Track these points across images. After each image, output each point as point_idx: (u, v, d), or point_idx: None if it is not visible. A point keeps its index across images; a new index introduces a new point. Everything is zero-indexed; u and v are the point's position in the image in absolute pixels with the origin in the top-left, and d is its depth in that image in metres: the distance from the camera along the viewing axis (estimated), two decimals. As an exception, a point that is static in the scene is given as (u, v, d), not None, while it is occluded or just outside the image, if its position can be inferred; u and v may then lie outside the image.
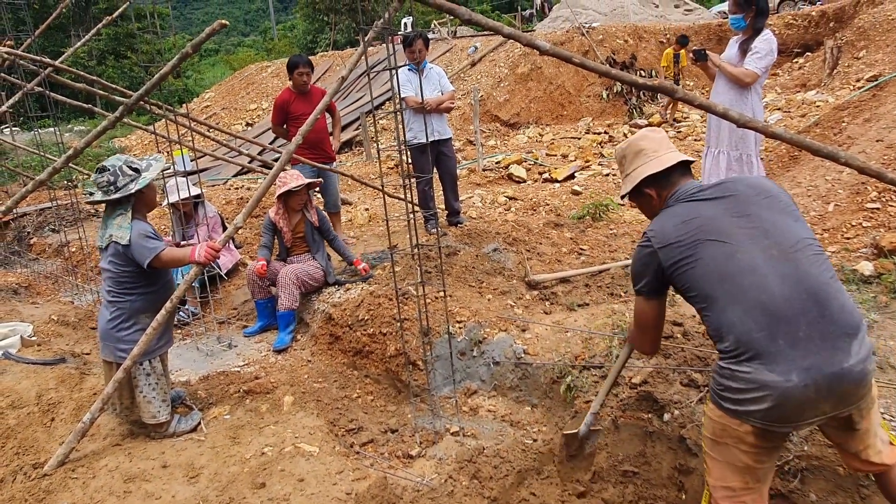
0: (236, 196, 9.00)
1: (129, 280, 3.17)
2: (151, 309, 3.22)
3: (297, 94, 5.74)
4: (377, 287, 4.49)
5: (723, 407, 1.82)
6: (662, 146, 2.14)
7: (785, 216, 1.91)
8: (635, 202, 2.24)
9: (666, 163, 2.09)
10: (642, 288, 2.08)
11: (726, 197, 1.95)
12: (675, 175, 2.10)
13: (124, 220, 3.14)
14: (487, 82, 15.85)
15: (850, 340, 1.72)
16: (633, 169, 2.16)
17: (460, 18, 3.05)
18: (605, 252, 5.10)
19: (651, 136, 2.17)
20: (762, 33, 4.08)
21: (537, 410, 3.42)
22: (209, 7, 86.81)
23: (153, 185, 3.31)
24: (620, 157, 2.24)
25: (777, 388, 1.68)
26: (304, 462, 2.88)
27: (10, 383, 3.64)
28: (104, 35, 30.56)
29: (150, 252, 3.08)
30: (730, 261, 1.82)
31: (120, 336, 3.18)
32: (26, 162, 13.30)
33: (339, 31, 34.48)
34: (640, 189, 2.15)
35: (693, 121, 11.47)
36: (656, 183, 2.11)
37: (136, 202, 3.21)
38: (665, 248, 1.94)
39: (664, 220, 2.00)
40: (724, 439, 1.86)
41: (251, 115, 19.71)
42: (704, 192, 2.01)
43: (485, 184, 9.06)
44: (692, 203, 1.99)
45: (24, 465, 3.00)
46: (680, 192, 2.06)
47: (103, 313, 3.25)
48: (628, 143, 2.21)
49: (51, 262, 7.20)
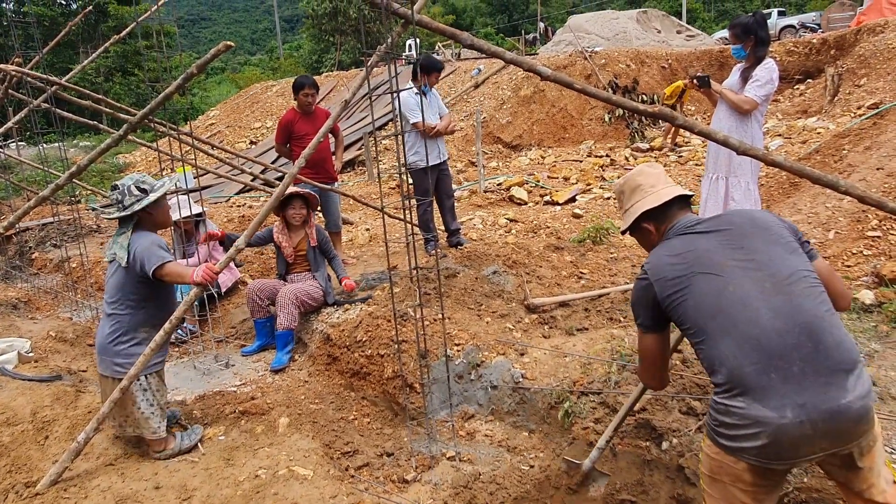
0: (238, 214, 9.04)
1: (130, 293, 3.20)
2: (150, 323, 3.24)
3: (302, 114, 5.78)
4: (376, 308, 4.48)
5: (718, 443, 1.79)
6: (660, 181, 2.16)
7: (779, 248, 1.89)
8: (635, 237, 2.26)
9: (663, 197, 2.11)
10: (642, 322, 2.08)
11: (722, 230, 1.95)
12: (672, 209, 2.12)
13: (125, 240, 3.19)
14: (490, 104, 15.98)
15: (847, 376, 1.69)
16: (632, 204, 2.18)
17: (462, 44, 3.08)
18: (605, 276, 5.10)
19: (648, 172, 2.19)
20: (764, 61, 4.12)
21: (535, 436, 3.39)
22: (217, 26, 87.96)
23: (164, 206, 3.34)
24: (619, 192, 2.26)
25: (771, 424, 1.66)
26: (298, 486, 2.85)
27: (5, 400, 3.62)
28: (112, 52, 30.94)
29: (158, 260, 3.11)
30: (722, 294, 1.81)
31: (118, 350, 3.18)
32: (31, 176, 13.38)
33: (345, 52, 34.87)
34: (638, 224, 2.17)
35: (695, 146, 11.51)
36: (654, 217, 2.13)
37: (143, 220, 3.26)
38: (659, 281, 1.94)
39: (660, 254, 2.02)
40: (721, 477, 1.83)
41: (255, 133, 19.85)
42: (700, 224, 2.02)
43: (486, 205, 9.08)
44: (688, 236, 2.00)
45: (16, 484, 2.97)
46: (678, 225, 2.07)
47: (102, 327, 3.26)
48: (625, 179, 2.24)
49: (51, 277, 7.21)
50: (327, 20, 34.36)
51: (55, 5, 35.34)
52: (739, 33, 4.14)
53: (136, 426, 3.23)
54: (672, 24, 21.79)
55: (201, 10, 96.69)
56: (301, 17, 51.63)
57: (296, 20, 69.99)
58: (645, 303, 2.01)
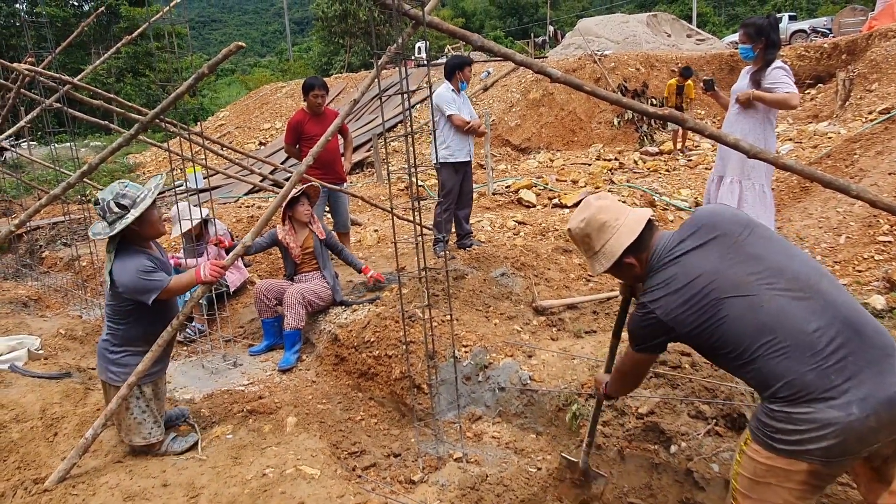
0: (247, 214, 9.06)
1: (122, 310, 3.10)
2: (144, 338, 3.15)
3: (312, 115, 5.80)
4: (384, 309, 4.49)
5: (774, 448, 1.78)
6: (621, 212, 2.08)
7: (779, 248, 1.90)
8: (614, 273, 2.15)
9: (637, 230, 2.03)
10: (644, 347, 2.05)
11: (713, 239, 1.92)
12: (645, 236, 2.04)
13: (108, 261, 3.03)
14: (499, 107, 15.98)
15: (892, 360, 1.72)
16: (603, 244, 2.07)
17: (472, 45, 3.08)
18: (613, 279, 5.07)
19: (605, 206, 2.09)
20: (775, 62, 4.10)
21: (542, 438, 3.38)
22: (227, 28, 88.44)
23: (150, 218, 3.07)
24: (582, 236, 2.12)
25: (839, 423, 1.67)
26: (305, 485, 2.85)
27: (14, 396, 3.64)
28: (123, 53, 31.16)
29: (154, 289, 2.97)
30: (758, 312, 1.79)
31: (112, 358, 3.15)
32: (41, 176, 13.48)
33: (354, 54, 34.96)
34: (619, 262, 2.06)
35: (704, 149, 11.48)
36: (633, 250, 2.04)
37: (130, 237, 3.05)
38: (676, 318, 1.89)
39: (662, 289, 1.93)
40: (767, 479, 1.82)
41: (264, 134, 19.93)
42: (685, 242, 1.95)
43: (494, 208, 9.07)
44: (681, 260, 1.93)
45: (25, 480, 2.98)
46: (660, 250, 2.00)
47: (103, 332, 3.24)
48: (585, 220, 2.10)
49: (61, 275, 7.25)
50: (337, 22, 34.48)
51: (67, 6, 35.65)
52: (752, 33, 4.10)
53: (129, 431, 3.18)
54: (682, 27, 21.74)
55: (212, 11, 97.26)
56: (311, 20, 51.84)
57: (306, 22, 70.29)
58: (652, 335, 1.99)
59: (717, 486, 2.75)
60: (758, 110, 4.16)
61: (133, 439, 3.20)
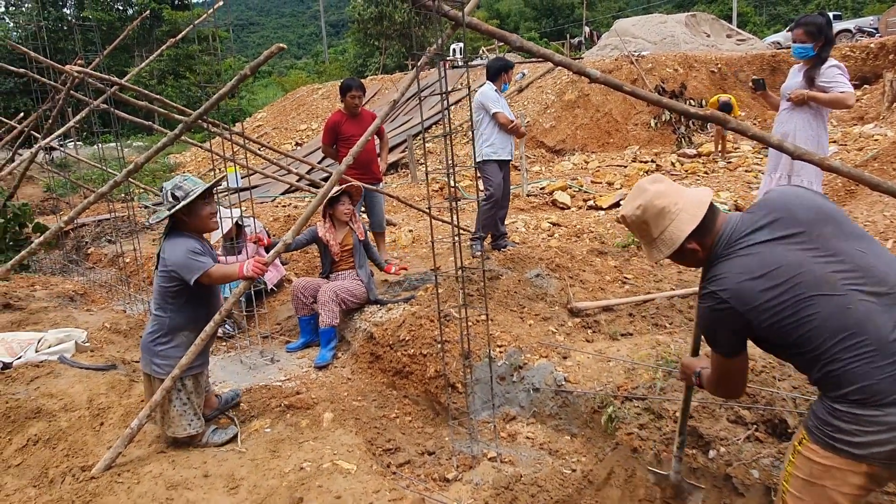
0: (283, 213, 9.21)
1: (173, 295, 3.23)
2: (191, 327, 3.26)
3: (349, 115, 5.87)
4: (419, 308, 4.52)
5: (836, 449, 1.74)
6: (679, 196, 1.95)
7: (864, 245, 1.82)
8: (674, 259, 2.03)
9: (699, 214, 1.91)
10: (727, 349, 1.92)
11: (797, 234, 1.81)
12: (708, 218, 1.92)
13: (164, 239, 3.26)
14: (534, 108, 15.92)
15: None
16: (662, 231, 1.95)
17: (511, 45, 3.09)
18: (649, 282, 5.02)
19: (662, 190, 1.97)
20: (830, 61, 4.03)
21: (577, 440, 3.37)
22: (265, 31, 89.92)
23: (199, 213, 3.25)
24: (639, 223, 2.00)
25: None
26: (341, 479, 2.89)
27: (63, 386, 3.77)
28: (165, 56, 31.94)
29: (198, 269, 3.12)
30: (846, 314, 1.72)
31: (156, 350, 3.24)
32: (87, 175, 13.90)
33: (389, 56, 35.22)
34: (680, 248, 1.94)
35: (744, 151, 11.26)
36: (696, 235, 1.92)
37: (179, 224, 3.26)
38: (753, 311, 1.78)
39: (735, 276, 1.81)
40: (823, 481, 1.78)
41: (301, 135, 20.21)
42: (762, 230, 1.83)
43: (528, 209, 9.05)
44: (758, 248, 1.82)
45: (73, 467, 3.09)
46: (728, 233, 1.88)
47: (147, 325, 3.35)
48: (641, 207, 1.98)
49: (106, 271, 7.48)
50: (373, 25, 34.78)
51: (113, 10, 36.71)
52: (814, 31, 4.03)
53: (170, 424, 3.28)
54: (722, 27, 21.37)
55: (250, 14, 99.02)
56: (346, 22, 52.38)
57: (341, 25, 71.07)
58: (730, 329, 1.86)
59: (756, 493, 2.70)
60: (810, 107, 4.09)
61: (175, 431, 3.28)
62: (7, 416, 3.43)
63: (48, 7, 34.15)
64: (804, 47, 4.07)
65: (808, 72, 4.09)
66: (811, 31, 4.03)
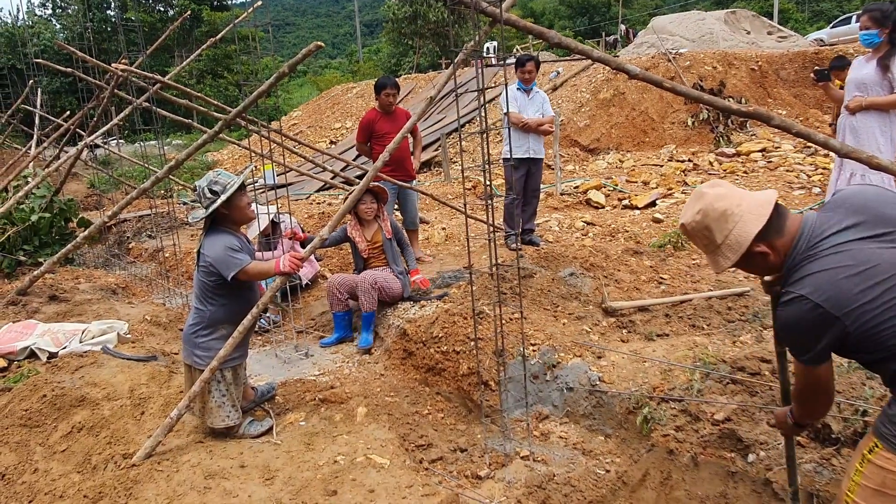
0: (318, 210, 9.31)
1: (212, 290, 3.30)
2: (231, 320, 3.35)
3: (383, 113, 5.91)
4: (452, 305, 4.52)
5: None
6: (742, 198, 1.83)
7: None
8: (742, 267, 1.90)
9: (765, 213, 1.78)
10: (814, 357, 1.76)
11: (889, 233, 1.70)
12: (776, 219, 1.80)
13: (204, 236, 3.32)
14: (568, 107, 15.78)
15: None
16: (727, 234, 1.82)
17: (549, 42, 3.07)
18: (686, 282, 4.94)
19: (722, 193, 1.85)
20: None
21: (611, 441, 3.33)
22: (300, 31, 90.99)
23: (239, 204, 3.32)
24: (701, 228, 1.87)
25: None
26: (374, 473, 2.92)
27: (106, 376, 3.88)
28: (204, 56, 32.56)
29: (235, 266, 3.19)
30: None
31: (198, 342, 3.33)
32: (128, 172, 14.24)
33: (423, 55, 35.30)
34: (748, 252, 1.82)
35: (784, 151, 10.98)
36: (765, 237, 1.79)
37: (220, 219, 3.32)
38: (851, 313, 1.63)
39: (828, 275, 1.67)
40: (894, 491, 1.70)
41: (335, 133, 20.39)
42: (849, 230, 1.71)
43: (562, 208, 8.98)
44: (848, 246, 1.70)
45: (115, 455, 3.18)
46: (808, 234, 1.76)
47: (188, 318, 3.44)
48: (701, 211, 1.86)
49: (146, 265, 7.66)
50: (407, 24, 34.88)
51: (154, 12, 37.54)
52: (880, 17, 3.94)
53: (209, 414, 3.36)
54: (762, 24, 20.87)
55: (286, 15, 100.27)
56: (381, 22, 52.65)
57: (375, 25, 71.48)
58: (821, 335, 1.70)
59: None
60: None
61: (213, 422, 3.35)
62: (53, 404, 3.54)
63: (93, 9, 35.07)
64: (870, 34, 3.97)
65: (882, 59, 3.96)
66: (876, 17, 3.93)
